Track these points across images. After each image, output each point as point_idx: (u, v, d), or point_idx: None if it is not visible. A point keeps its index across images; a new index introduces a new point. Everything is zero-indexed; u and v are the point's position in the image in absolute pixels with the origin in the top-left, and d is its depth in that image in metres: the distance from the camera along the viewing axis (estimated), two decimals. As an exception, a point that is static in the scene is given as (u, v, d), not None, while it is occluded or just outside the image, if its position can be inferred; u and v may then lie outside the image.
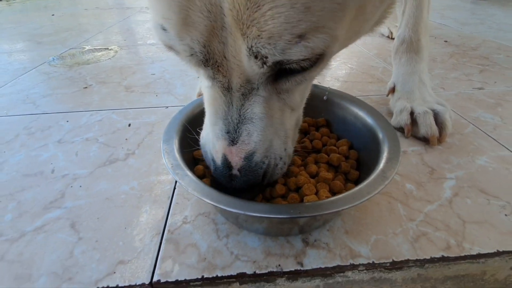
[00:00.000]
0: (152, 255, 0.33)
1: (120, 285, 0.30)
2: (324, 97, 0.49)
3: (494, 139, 0.53)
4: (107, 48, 1.13)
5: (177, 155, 0.36)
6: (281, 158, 0.33)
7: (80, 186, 0.44)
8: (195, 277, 0.31)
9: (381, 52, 1.01)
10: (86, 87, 0.79)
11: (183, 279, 0.31)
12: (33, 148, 0.53)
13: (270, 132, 0.30)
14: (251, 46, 0.23)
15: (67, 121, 0.62)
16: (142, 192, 0.43)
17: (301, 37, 0.22)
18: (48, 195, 0.43)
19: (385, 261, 0.32)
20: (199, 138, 0.36)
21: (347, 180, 0.40)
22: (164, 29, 0.25)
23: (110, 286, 0.30)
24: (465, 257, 0.33)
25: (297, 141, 0.39)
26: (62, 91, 0.77)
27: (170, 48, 0.27)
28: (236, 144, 0.29)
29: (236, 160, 0.29)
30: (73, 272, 0.32)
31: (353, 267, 0.32)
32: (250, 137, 0.29)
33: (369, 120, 0.42)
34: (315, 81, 0.41)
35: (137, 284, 0.30)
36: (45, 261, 0.33)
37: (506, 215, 0.38)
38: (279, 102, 0.30)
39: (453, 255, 0.33)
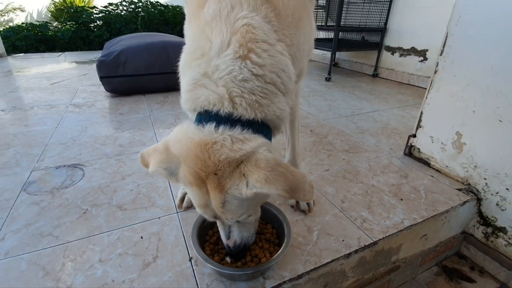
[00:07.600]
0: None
1: None
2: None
3: (334, 204, 1.14)
4: (75, 166, 1.39)
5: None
6: (249, 239, 0.79)
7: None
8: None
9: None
10: (85, 212, 1.08)
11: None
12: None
13: (244, 231, 0.77)
14: (225, 219, 0.69)
15: (94, 244, 0.93)
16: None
17: (241, 215, 0.70)
18: None
19: (290, 275, 0.82)
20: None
21: (274, 244, 0.89)
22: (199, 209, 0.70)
23: None
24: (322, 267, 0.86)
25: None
26: (68, 219, 1.04)
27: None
28: (229, 239, 0.75)
29: (231, 245, 0.75)
30: None
31: (283, 282, 0.80)
32: (234, 236, 0.75)
33: (279, 216, 0.94)
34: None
35: None
36: None
37: (336, 242, 0.94)
38: (242, 225, 0.78)
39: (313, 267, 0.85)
